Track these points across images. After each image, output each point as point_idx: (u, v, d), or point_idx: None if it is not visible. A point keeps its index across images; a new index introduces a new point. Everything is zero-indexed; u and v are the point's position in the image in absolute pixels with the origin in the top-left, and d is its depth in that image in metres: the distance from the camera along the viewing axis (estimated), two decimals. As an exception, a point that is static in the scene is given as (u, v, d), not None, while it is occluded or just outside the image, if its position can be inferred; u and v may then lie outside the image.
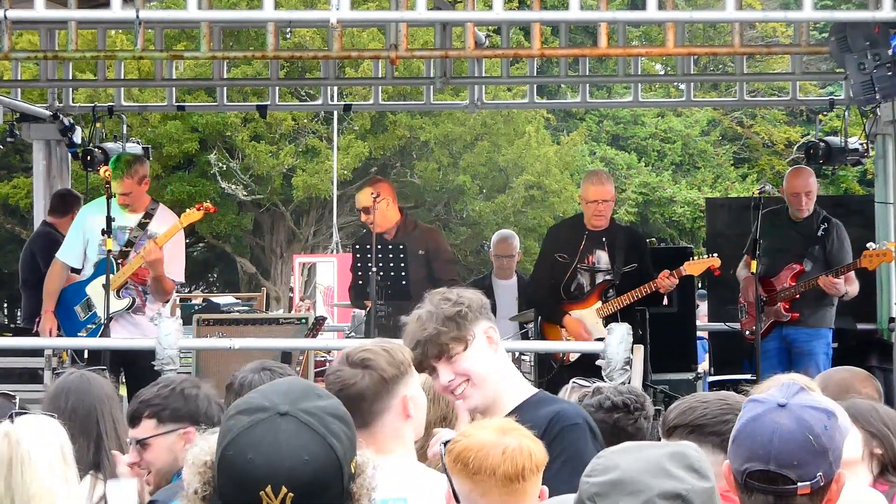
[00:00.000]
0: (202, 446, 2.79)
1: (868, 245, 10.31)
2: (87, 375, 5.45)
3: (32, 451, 3.48)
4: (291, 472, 2.60)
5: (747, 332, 10.73)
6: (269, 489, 2.58)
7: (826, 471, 3.01)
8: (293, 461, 2.60)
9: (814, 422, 3.02)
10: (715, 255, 10.23)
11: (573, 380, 5.60)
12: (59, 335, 10.07)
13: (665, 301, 10.55)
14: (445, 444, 3.56)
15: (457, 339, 4.25)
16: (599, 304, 10.10)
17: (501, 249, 12.29)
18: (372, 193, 10.10)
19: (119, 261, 9.95)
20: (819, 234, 10.65)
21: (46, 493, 3.45)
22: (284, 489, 2.58)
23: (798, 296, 10.53)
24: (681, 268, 10.02)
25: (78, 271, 10.17)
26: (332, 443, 2.65)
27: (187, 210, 10.15)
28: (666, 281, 9.93)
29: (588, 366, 8.95)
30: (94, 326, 9.98)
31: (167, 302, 10.48)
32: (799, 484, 2.99)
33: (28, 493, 3.41)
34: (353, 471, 2.69)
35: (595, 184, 10.29)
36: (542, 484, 3.53)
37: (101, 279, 9.80)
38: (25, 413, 4.55)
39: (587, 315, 10.09)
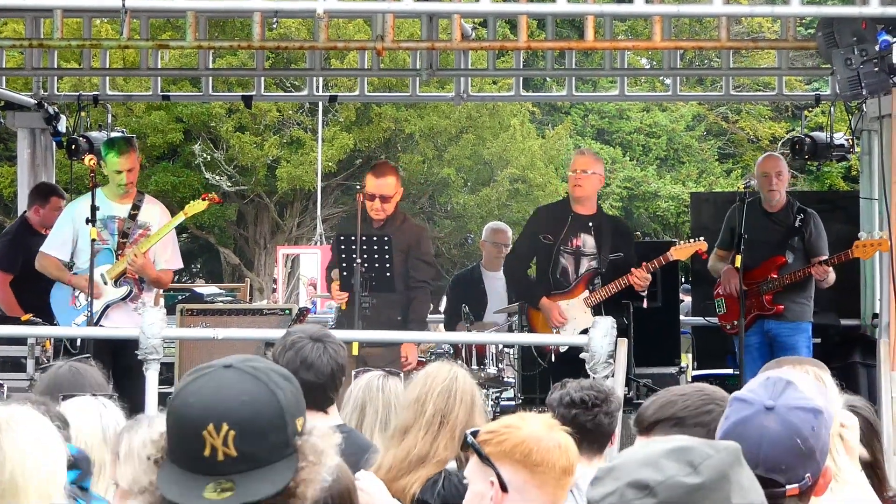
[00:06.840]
0: (158, 424, 2.81)
1: (860, 235, 10.24)
2: (77, 367, 5.41)
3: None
4: (231, 410, 2.58)
5: (727, 326, 10.72)
6: (210, 427, 2.56)
7: (814, 471, 3.01)
8: (232, 401, 2.59)
9: (802, 424, 2.99)
10: (701, 238, 10.11)
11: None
12: (54, 323, 10.07)
13: (644, 304, 10.33)
14: (473, 433, 3.58)
15: None
16: (587, 293, 10.06)
17: (499, 237, 12.27)
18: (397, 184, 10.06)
19: (118, 252, 10.02)
20: (796, 224, 10.64)
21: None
22: (226, 426, 2.56)
23: (782, 288, 10.54)
24: (668, 253, 9.91)
25: (68, 264, 10.13)
26: (274, 389, 2.64)
27: (192, 201, 10.26)
28: (640, 279, 9.84)
29: (573, 360, 8.88)
30: (88, 315, 9.95)
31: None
32: (787, 486, 2.98)
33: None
34: (297, 427, 2.67)
35: (579, 154, 10.42)
36: None
37: (98, 269, 9.85)
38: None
39: (575, 305, 10.03)
